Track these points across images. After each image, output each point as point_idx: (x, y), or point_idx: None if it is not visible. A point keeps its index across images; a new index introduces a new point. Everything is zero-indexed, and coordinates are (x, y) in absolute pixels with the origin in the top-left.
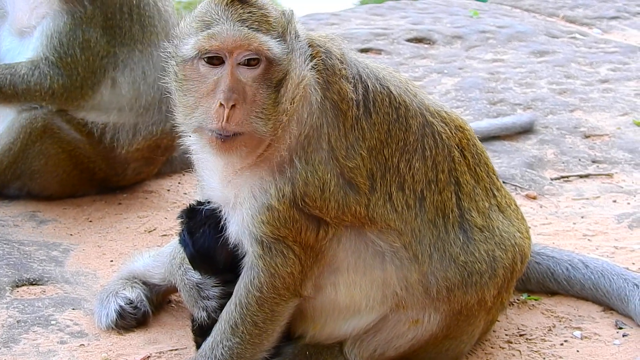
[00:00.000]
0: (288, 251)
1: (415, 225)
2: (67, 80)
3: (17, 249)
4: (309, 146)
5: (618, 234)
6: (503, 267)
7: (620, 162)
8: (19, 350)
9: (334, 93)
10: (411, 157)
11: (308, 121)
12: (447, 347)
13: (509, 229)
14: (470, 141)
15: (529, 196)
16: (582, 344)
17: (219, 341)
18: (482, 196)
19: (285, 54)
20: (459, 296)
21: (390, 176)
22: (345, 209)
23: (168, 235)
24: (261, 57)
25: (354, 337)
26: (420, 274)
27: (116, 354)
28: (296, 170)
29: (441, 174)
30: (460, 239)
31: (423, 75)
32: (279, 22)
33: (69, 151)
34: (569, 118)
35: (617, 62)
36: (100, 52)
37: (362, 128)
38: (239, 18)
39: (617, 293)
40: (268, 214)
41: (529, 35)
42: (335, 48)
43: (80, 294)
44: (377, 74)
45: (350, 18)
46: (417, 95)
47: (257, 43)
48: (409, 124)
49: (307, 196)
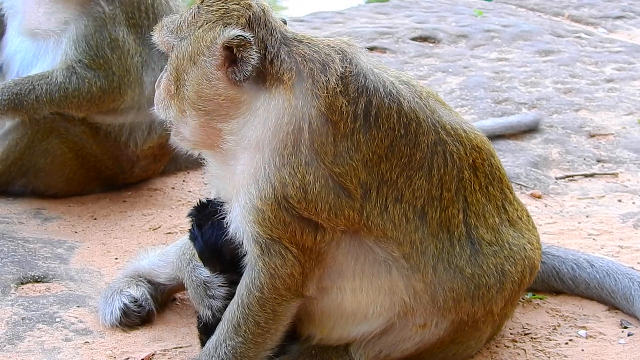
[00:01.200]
0: (286, 252)
1: (415, 237)
2: (105, 82)
3: (21, 246)
4: (284, 149)
5: (623, 233)
6: (512, 280)
7: (626, 161)
8: (23, 347)
9: (322, 105)
10: (414, 173)
11: (272, 125)
12: (454, 351)
13: (519, 242)
14: (485, 161)
15: (534, 195)
16: (587, 343)
17: (222, 340)
18: (492, 213)
19: (173, 48)
20: (465, 307)
21: (387, 189)
22: (337, 212)
23: (173, 233)
24: (162, 48)
25: (361, 339)
26: (424, 283)
27: (121, 352)
28: (272, 171)
29: (447, 192)
30: (467, 252)
31: (428, 74)
32: (188, 24)
33: (76, 151)
34: (574, 117)
35: (622, 61)
36: (130, 50)
37: (357, 140)
38: (171, 17)
39: (622, 292)
40: (255, 213)
41: (534, 34)
42: (337, 62)
43: (85, 291)
44: (391, 88)
45: (355, 16)
46: (435, 111)
47: (156, 36)
48: (418, 140)
49: (290, 197)
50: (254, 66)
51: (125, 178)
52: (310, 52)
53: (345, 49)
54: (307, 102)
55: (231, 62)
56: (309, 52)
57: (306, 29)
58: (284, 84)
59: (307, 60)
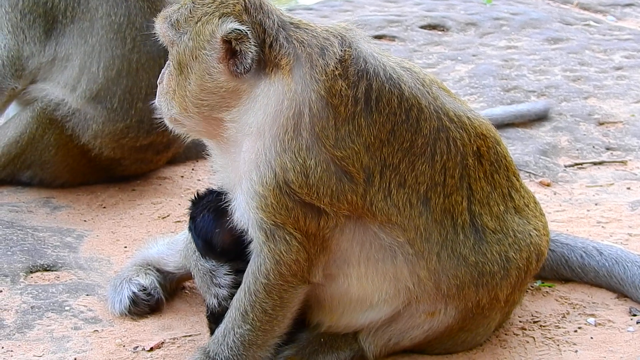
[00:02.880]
0: (291, 238)
1: (419, 223)
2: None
3: (31, 235)
4: (284, 134)
5: (632, 221)
6: (517, 267)
7: (635, 149)
8: (33, 335)
9: (321, 88)
10: (416, 159)
11: (271, 111)
12: (463, 339)
13: (525, 228)
14: (491, 148)
15: (543, 183)
16: (596, 330)
17: (230, 328)
18: (497, 201)
19: (174, 44)
20: (470, 294)
21: (389, 173)
22: (340, 197)
23: (182, 222)
24: (164, 42)
25: (370, 327)
26: (428, 270)
27: (130, 340)
28: (273, 157)
29: (450, 178)
30: (471, 240)
31: (437, 62)
32: (187, 17)
33: (74, 141)
34: (582, 105)
35: (631, 49)
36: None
37: (358, 124)
38: (172, 7)
39: (631, 280)
40: (258, 199)
41: (542, 22)
42: (336, 45)
43: (94, 280)
44: (392, 73)
45: (364, 4)
46: (438, 98)
47: (157, 28)
48: (420, 126)
49: (291, 182)
50: (253, 58)
51: (123, 170)
52: (308, 37)
53: (344, 34)
54: (306, 86)
55: (232, 55)
56: (307, 37)
57: (315, 17)
58: (282, 69)
59: (305, 45)
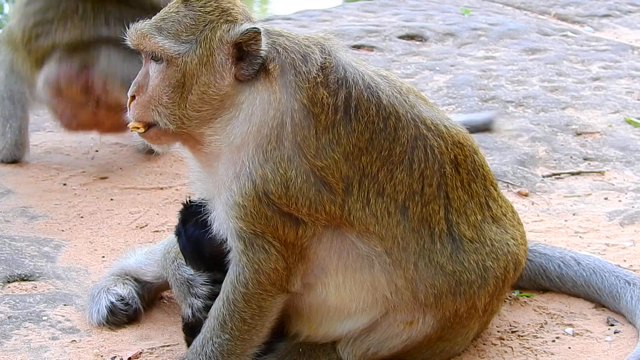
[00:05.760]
0: (270, 247)
1: (397, 232)
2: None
3: (8, 244)
4: (267, 144)
5: (609, 231)
6: (494, 276)
7: (612, 159)
8: (10, 346)
9: (304, 97)
10: (395, 167)
11: (257, 120)
12: (442, 349)
13: (502, 238)
14: (468, 157)
15: (521, 193)
16: (574, 340)
17: (209, 338)
18: (474, 210)
19: (180, 55)
20: (447, 303)
21: (368, 183)
22: (318, 207)
23: (160, 232)
24: (158, 54)
25: (348, 336)
26: (405, 280)
27: (108, 350)
28: (254, 167)
29: (428, 187)
30: (448, 249)
31: (415, 72)
32: (188, 27)
33: None
34: (560, 115)
35: (608, 60)
36: None
37: (337, 132)
38: (157, 18)
39: (608, 290)
40: (237, 209)
41: (520, 32)
42: (317, 53)
43: (71, 289)
44: (370, 82)
45: (342, 15)
46: (415, 106)
47: (150, 41)
48: (398, 135)
49: (271, 193)
50: (263, 57)
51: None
52: (290, 44)
53: (323, 42)
54: (290, 94)
55: (238, 60)
56: (289, 44)
57: (294, 26)
58: (269, 74)
59: (288, 51)
